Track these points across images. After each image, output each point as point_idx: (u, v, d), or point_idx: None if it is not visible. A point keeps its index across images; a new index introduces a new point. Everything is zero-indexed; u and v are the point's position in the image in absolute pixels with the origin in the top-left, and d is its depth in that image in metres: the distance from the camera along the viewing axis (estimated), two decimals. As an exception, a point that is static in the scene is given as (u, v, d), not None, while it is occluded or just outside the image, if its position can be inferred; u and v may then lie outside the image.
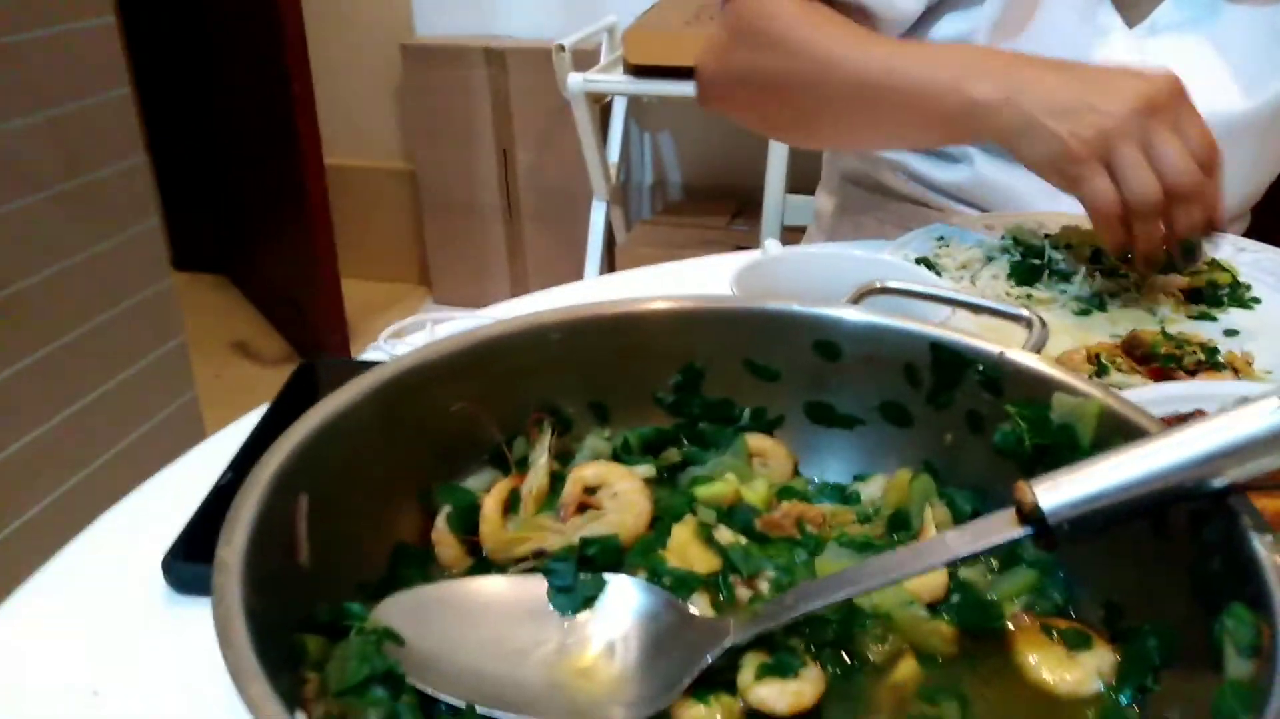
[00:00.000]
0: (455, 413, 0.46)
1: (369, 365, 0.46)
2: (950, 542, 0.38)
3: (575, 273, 2.48)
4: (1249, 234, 0.96)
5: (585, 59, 2.35)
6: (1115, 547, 0.40)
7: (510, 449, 0.48)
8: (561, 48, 2.20)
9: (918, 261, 0.79)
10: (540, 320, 0.49)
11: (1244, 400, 0.35)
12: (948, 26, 0.86)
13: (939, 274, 0.78)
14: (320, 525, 0.39)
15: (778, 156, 1.90)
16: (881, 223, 0.98)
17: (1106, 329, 0.70)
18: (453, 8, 2.71)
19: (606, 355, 0.50)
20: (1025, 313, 0.49)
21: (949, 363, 0.47)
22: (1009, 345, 0.46)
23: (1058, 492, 0.36)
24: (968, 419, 0.47)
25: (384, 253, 2.97)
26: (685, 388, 0.51)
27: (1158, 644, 0.38)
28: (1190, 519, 0.37)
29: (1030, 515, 0.36)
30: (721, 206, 2.62)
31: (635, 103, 2.59)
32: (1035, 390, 0.44)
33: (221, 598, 0.30)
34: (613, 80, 2.27)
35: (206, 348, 2.56)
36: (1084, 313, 0.73)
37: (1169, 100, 0.65)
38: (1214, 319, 0.72)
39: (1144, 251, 0.68)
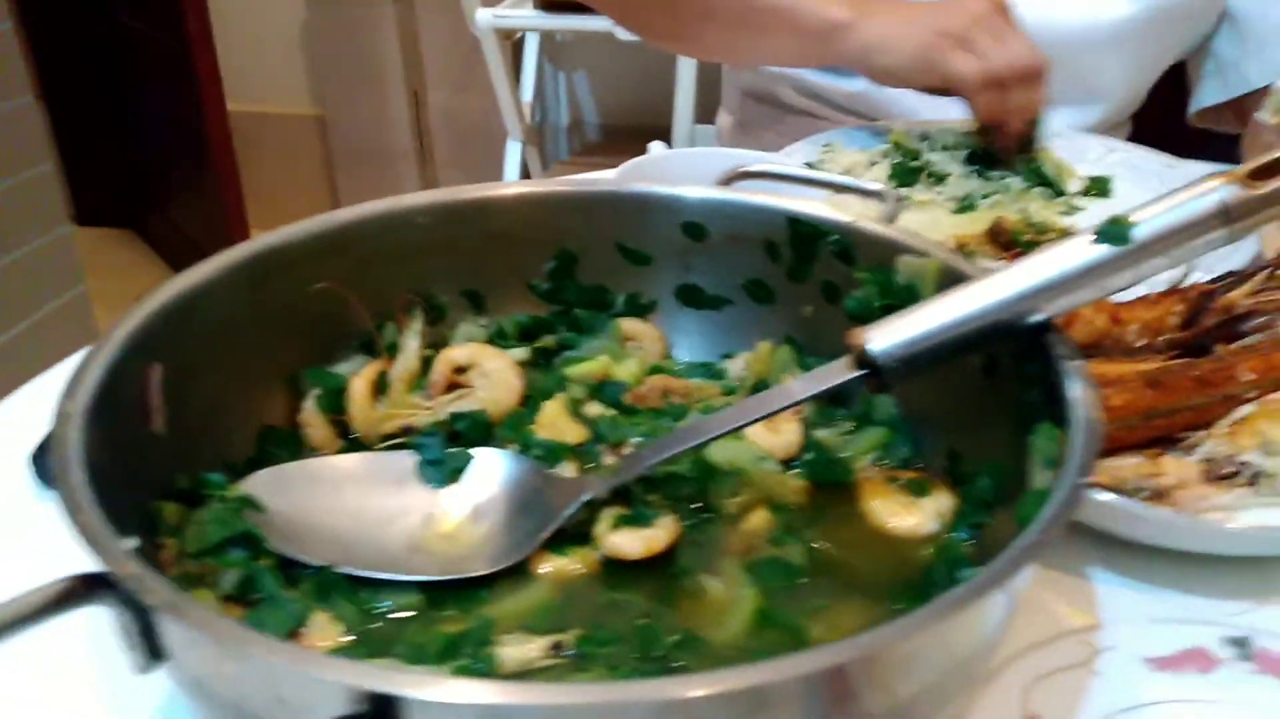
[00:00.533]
0: (319, 293, 0.46)
1: None
2: (791, 388, 0.40)
3: (492, 216, 2.46)
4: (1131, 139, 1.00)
5: (496, -7, 2.31)
6: (955, 397, 0.43)
7: (381, 335, 0.49)
8: (468, -14, 2.16)
9: (806, 166, 0.81)
10: (405, 204, 0.49)
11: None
12: None
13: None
14: (179, 397, 0.39)
15: (685, 87, 1.90)
16: (780, 136, 0.99)
17: (981, 225, 0.73)
18: (358, -53, 2.63)
19: (477, 241, 0.51)
20: (879, 186, 0.51)
21: (805, 236, 0.48)
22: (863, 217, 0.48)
23: (885, 336, 0.38)
24: (824, 290, 0.48)
25: (295, 201, 2.90)
26: (559, 274, 0.52)
27: (991, 484, 0.41)
28: (1014, 359, 0.39)
29: (862, 359, 0.38)
30: (639, 146, 2.60)
31: (549, 40, 2.56)
32: (883, 255, 0.46)
33: (60, 444, 0.31)
34: (523, 15, 2.23)
35: (113, 303, 2.48)
36: (961, 210, 0.75)
37: (996, 15, 0.74)
38: (1079, 210, 0.75)
39: (1018, 124, 0.75)
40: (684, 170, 0.67)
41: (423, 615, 0.37)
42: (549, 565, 0.39)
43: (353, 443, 0.46)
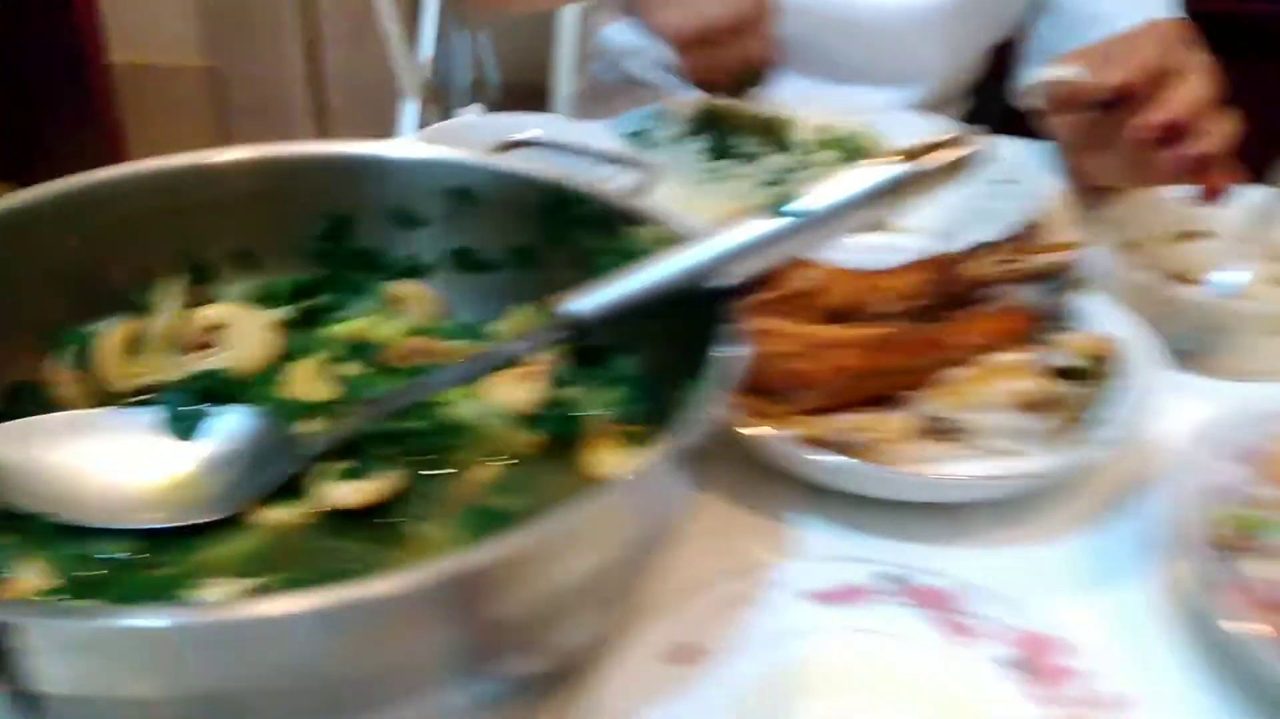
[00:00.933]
0: (79, 252, 0.47)
1: None
2: (506, 346, 0.42)
3: (389, 175, 2.44)
4: (970, 117, 1.04)
5: (390, -50, 2.27)
6: (674, 356, 0.45)
7: (142, 297, 0.50)
8: (358, -65, 2.12)
9: (634, 134, 0.83)
10: (173, 163, 0.50)
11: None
12: None
13: (652, 148, 0.82)
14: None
15: (566, 50, 1.90)
16: (630, 105, 1.01)
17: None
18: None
19: (247, 202, 0.52)
20: (638, 158, 0.53)
21: (562, 206, 0.51)
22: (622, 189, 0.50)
23: (584, 300, 0.40)
24: (581, 257, 0.50)
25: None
26: (332, 237, 0.54)
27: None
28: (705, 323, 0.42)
29: (566, 319, 0.40)
30: (543, 106, 2.60)
31: (447, -2, 2.52)
32: (626, 225, 0.48)
33: None
34: (415, -27, 2.19)
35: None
36: (769, 185, 0.78)
37: None
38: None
39: (720, 70, 0.79)
40: (489, 137, 0.69)
41: (138, 563, 0.39)
42: (267, 515, 0.41)
43: (107, 401, 0.47)
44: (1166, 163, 0.59)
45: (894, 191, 0.39)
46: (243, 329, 0.48)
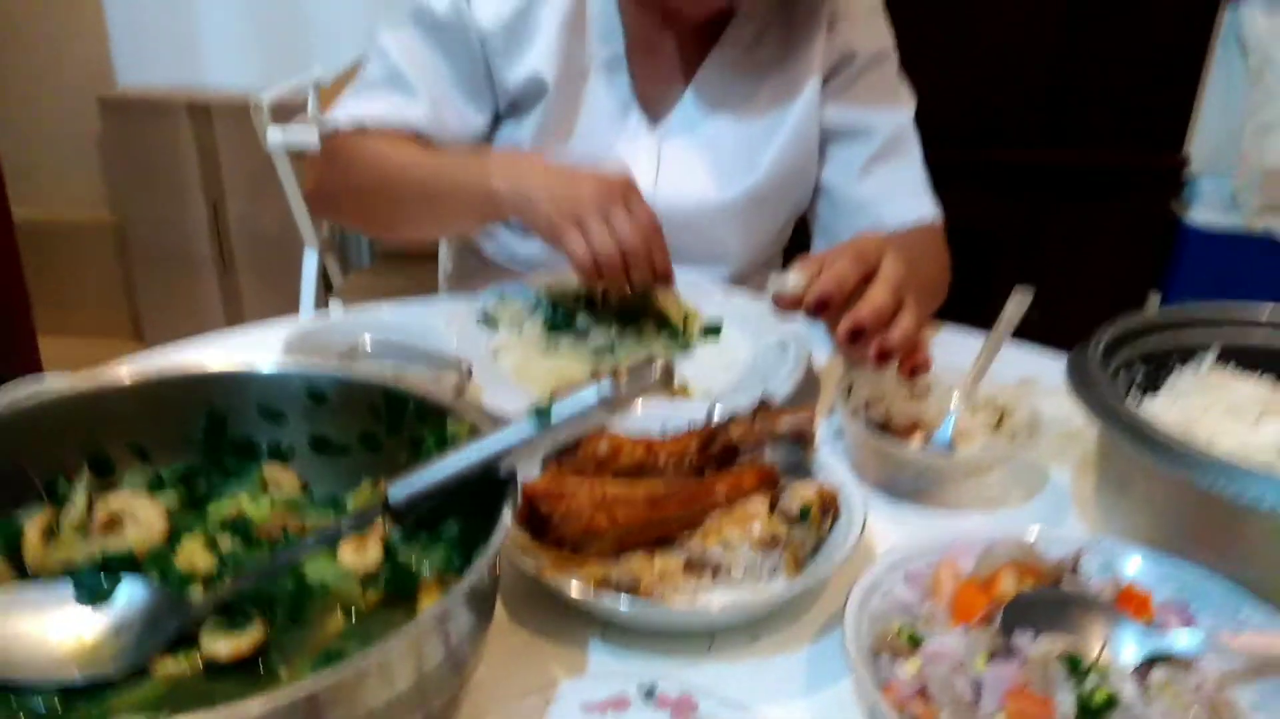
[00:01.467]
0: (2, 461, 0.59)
1: None
2: (348, 521, 0.57)
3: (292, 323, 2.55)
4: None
5: (292, 111, 2.44)
6: (483, 522, 0.59)
7: (55, 490, 0.62)
8: (258, 105, 2.29)
9: (483, 314, 0.98)
10: (77, 388, 0.63)
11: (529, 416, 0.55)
12: (505, 133, 1.09)
13: (496, 325, 0.97)
14: None
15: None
16: (489, 283, 1.18)
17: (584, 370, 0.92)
18: (154, 59, 2.72)
19: (138, 408, 0.65)
20: (458, 360, 0.68)
21: (394, 403, 0.65)
22: (441, 387, 0.65)
23: (399, 486, 0.54)
24: (411, 443, 0.65)
25: (92, 309, 2.91)
26: (211, 431, 0.67)
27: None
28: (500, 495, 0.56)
29: (385, 500, 0.54)
30: (433, 256, 2.77)
31: (342, 155, 2.69)
32: (442, 418, 0.63)
33: None
34: (314, 136, 2.36)
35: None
36: (598, 354, 0.94)
37: (622, 190, 0.90)
38: (694, 351, 0.96)
39: (616, 294, 0.93)
40: (345, 332, 0.83)
41: (64, 712, 0.51)
42: (162, 666, 0.53)
43: (30, 577, 0.59)
44: (860, 353, 0.77)
45: (608, 404, 0.54)
46: (139, 514, 0.61)
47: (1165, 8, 2.10)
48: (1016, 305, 0.85)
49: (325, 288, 2.61)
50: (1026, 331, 0.88)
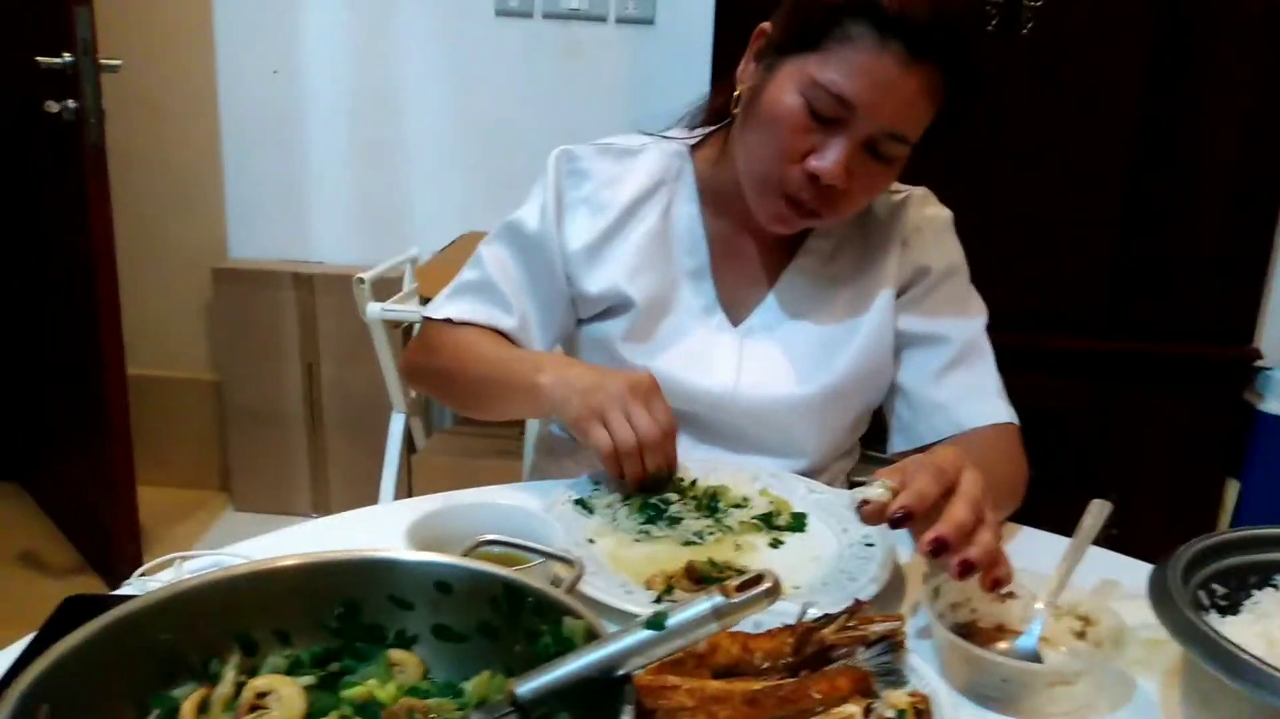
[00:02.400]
0: (164, 643, 0.66)
1: (117, 601, 0.66)
2: (475, 715, 0.61)
3: (375, 480, 2.65)
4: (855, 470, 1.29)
5: (390, 287, 2.62)
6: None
7: (207, 667, 0.68)
8: (361, 280, 2.46)
9: (577, 501, 1.05)
10: (231, 573, 0.70)
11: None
12: (594, 331, 1.19)
13: (591, 511, 1.04)
14: (57, 724, 0.58)
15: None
16: (578, 464, 1.25)
17: (706, 556, 0.97)
18: (266, 235, 2.94)
19: (283, 594, 0.71)
20: (570, 557, 0.74)
21: (514, 596, 0.71)
22: (556, 583, 0.71)
23: (527, 683, 0.59)
24: (527, 635, 0.70)
25: (186, 461, 3.05)
26: (346, 617, 0.73)
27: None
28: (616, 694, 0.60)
29: (513, 698, 0.59)
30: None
31: (432, 325, 2.84)
32: (559, 615, 0.68)
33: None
34: (409, 310, 2.52)
35: (-6, 559, 2.55)
36: (688, 544, 0.99)
37: (645, 389, 1.03)
38: (781, 543, 1.00)
39: (632, 480, 1.03)
40: (463, 518, 0.90)
41: None
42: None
43: (181, 750, 0.65)
44: (943, 566, 0.81)
45: (716, 617, 0.59)
46: (283, 694, 0.66)
47: (1225, 204, 2.17)
48: (1095, 517, 0.89)
49: (409, 448, 2.72)
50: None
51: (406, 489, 2.74)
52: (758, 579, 0.58)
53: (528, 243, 1.21)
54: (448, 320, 1.22)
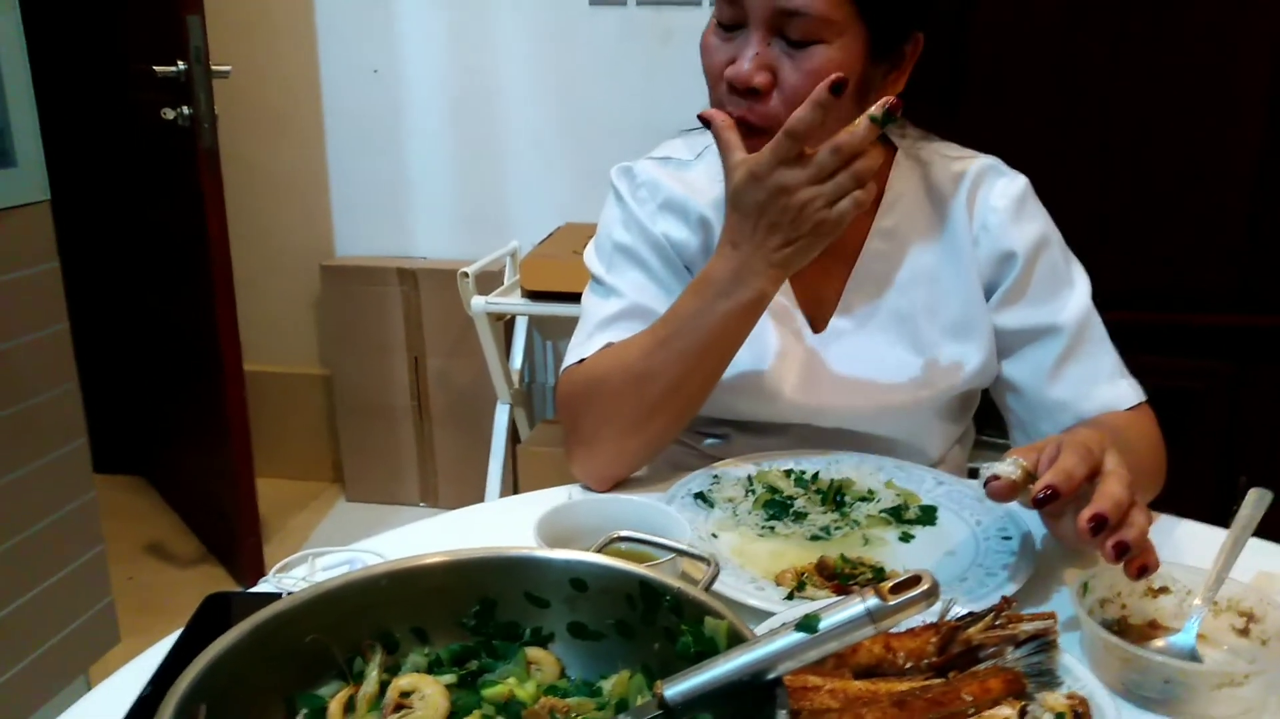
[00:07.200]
0: (311, 642, 0.67)
1: (256, 598, 0.67)
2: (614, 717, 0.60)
3: (481, 469, 2.69)
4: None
5: (491, 280, 2.65)
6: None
7: (351, 666, 0.69)
8: (465, 274, 2.49)
9: (697, 494, 1.03)
10: (373, 572, 0.70)
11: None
12: None
13: (711, 505, 1.02)
14: (214, 723, 0.59)
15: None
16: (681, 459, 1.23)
17: (834, 551, 0.94)
18: (370, 232, 3.01)
19: (422, 594, 0.72)
20: (706, 556, 0.72)
21: (651, 594, 0.69)
22: (692, 582, 0.69)
23: (676, 685, 0.58)
24: (665, 633, 0.69)
25: (300, 453, 3.14)
26: (483, 615, 0.73)
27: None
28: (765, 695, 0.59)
29: (662, 700, 0.58)
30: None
31: (535, 317, 2.88)
32: (698, 614, 0.67)
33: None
34: (511, 302, 2.54)
35: (121, 550, 2.67)
36: (814, 539, 0.97)
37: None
38: (912, 537, 0.97)
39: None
40: (588, 513, 0.89)
41: None
42: None
43: (328, 750, 0.65)
44: (1097, 547, 0.77)
45: (870, 619, 0.57)
46: (427, 693, 0.67)
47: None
48: (1254, 507, 0.83)
49: (513, 438, 2.75)
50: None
51: (512, 477, 2.77)
52: (915, 580, 0.56)
53: (644, 252, 1.16)
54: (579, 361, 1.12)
